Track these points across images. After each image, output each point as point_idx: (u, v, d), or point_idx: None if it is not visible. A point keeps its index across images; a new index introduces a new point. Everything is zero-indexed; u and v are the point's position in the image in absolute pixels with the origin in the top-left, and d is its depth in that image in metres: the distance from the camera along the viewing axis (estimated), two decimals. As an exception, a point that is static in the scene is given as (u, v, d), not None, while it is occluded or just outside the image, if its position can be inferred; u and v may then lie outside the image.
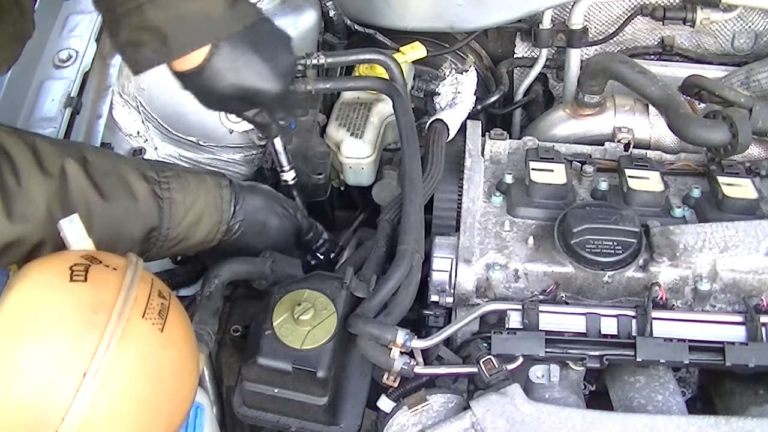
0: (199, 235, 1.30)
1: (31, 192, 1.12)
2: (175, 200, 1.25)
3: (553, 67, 2.00)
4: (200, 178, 1.31)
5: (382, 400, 1.21)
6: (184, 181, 1.28)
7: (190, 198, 1.27)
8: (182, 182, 1.28)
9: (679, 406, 1.20)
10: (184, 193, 1.27)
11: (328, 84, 1.56)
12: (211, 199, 1.30)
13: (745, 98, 1.57)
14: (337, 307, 1.22)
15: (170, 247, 1.28)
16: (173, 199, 1.25)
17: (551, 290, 1.30)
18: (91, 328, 0.93)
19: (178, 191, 1.26)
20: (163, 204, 1.24)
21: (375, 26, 1.84)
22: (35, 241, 1.12)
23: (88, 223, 1.13)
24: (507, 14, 1.86)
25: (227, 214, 1.32)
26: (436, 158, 1.47)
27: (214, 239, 1.32)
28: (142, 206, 1.22)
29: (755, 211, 1.40)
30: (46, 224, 1.12)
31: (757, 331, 1.22)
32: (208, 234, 1.31)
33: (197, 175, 1.32)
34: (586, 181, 1.48)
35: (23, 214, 1.10)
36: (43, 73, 1.53)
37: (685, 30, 1.92)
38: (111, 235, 1.18)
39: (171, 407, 1.00)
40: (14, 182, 1.10)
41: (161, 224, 1.24)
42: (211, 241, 1.33)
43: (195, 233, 1.29)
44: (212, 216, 1.30)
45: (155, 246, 1.26)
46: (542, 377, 1.21)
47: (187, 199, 1.27)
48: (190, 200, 1.27)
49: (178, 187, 1.27)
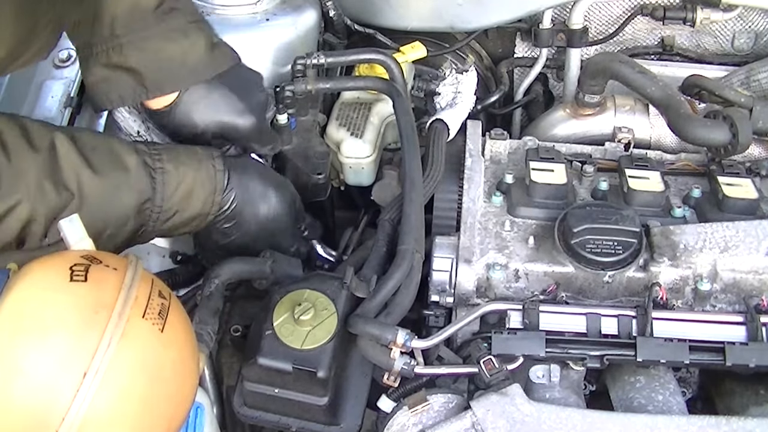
0: (194, 207, 1.26)
1: (21, 167, 1.10)
2: (167, 170, 1.22)
3: (553, 67, 2.00)
4: (191, 150, 1.28)
5: (383, 400, 1.21)
6: (175, 152, 1.26)
7: (182, 168, 1.24)
8: (173, 153, 1.25)
9: (680, 406, 1.20)
10: (176, 163, 1.24)
11: (328, 84, 1.56)
12: (204, 169, 1.27)
13: (745, 98, 1.57)
14: (338, 307, 1.22)
15: (165, 220, 1.24)
16: (165, 169, 1.22)
17: (551, 290, 1.30)
18: (91, 328, 0.93)
19: (169, 161, 1.23)
20: (156, 174, 1.21)
21: (375, 26, 1.84)
22: (25, 217, 1.10)
23: (80, 197, 1.12)
24: (507, 14, 1.85)
25: (221, 183, 1.28)
26: (436, 158, 1.46)
27: (210, 212, 1.28)
28: (134, 177, 1.19)
29: (755, 211, 1.40)
30: (37, 200, 1.10)
31: (758, 331, 1.22)
32: (204, 206, 1.27)
33: (188, 147, 1.29)
34: (587, 181, 1.48)
35: (12, 189, 1.09)
36: (43, 73, 1.53)
37: (685, 30, 1.92)
38: (105, 209, 1.17)
39: (171, 407, 1.00)
40: (3, 158, 1.08)
41: (154, 195, 1.21)
42: (208, 214, 1.28)
43: (189, 205, 1.26)
44: (205, 186, 1.26)
45: (150, 219, 1.23)
46: (543, 377, 1.21)
47: (179, 169, 1.24)
48: (183, 170, 1.24)
49: (169, 157, 1.24)
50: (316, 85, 1.51)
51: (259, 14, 1.57)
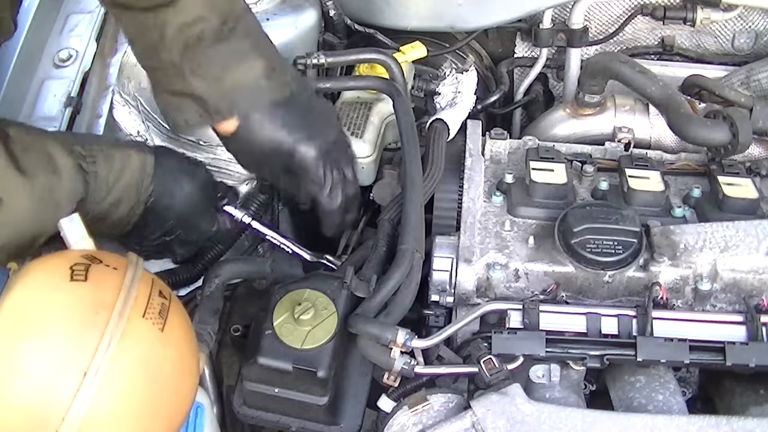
0: (119, 214, 1.24)
1: None
2: (100, 175, 1.20)
3: (553, 66, 2.00)
4: (125, 155, 1.25)
5: (383, 399, 1.21)
6: (111, 157, 1.23)
7: (113, 176, 1.22)
8: (108, 158, 1.23)
9: (680, 406, 1.20)
10: (109, 170, 1.22)
11: (329, 84, 1.56)
12: (135, 178, 1.24)
13: (745, 98, 1.57)
14: (338, 306, 1.22)
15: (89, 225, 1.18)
16: (98, 174, 1.20)
17: (552, 290, 1.30)
18: (91, 327, 0.93)
19: (103, 167, 1.21)
20: (89, 178, 1.19)
21: (375, 26, 1.84)
22: None
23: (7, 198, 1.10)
24: (507, 14, 1.85)
25: (146, 193, 1.26)
26: (436, 158, 1.46)
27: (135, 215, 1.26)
28: (66, 181, 1.17)
29: (756, 211, 1.40)
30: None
31: (758, 331, 1.22)
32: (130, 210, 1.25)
33: (123, 151, 1.26)
34: (587, 181, 1.48)
35: None
36: (43, 72, 1.53)
37: (685, 30, 1.92)
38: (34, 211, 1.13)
39: (171, 407, 1.00)
40: None
41: (86, 198, 1.19)
42: (133, 217, 1.26)
43: (114, 213, 1.24)
44: (131, 197, 1.25)
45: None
46: (543, 377, 1.21)
47: (110, 177, 1.22)
48: (113, 178, 1.22)
49: (103, 162, 1.22)
50: (316, 84, 1.51)
51: (259, 14, 1.56)
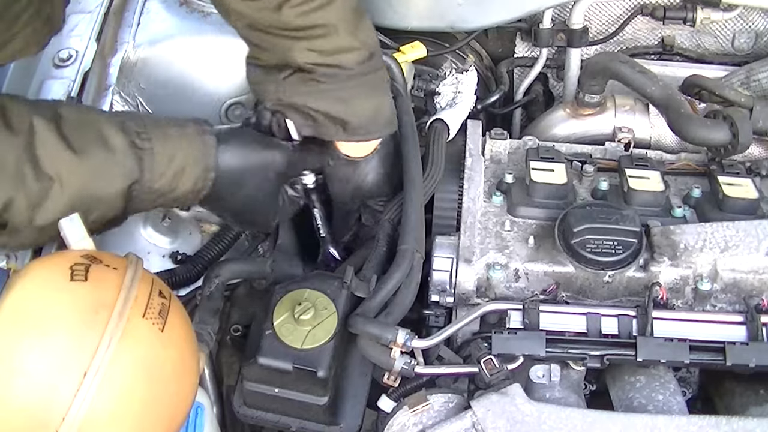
0: (186, 185, 1.22)
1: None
2: (156, 150, 1.18)
3: (553, 66, 2.00)
4: (182, 126, 1.24)
5: (383, 399, 1.21)
6: (165, 130, 1.21)
7: (171, 147, 1.20)
8: (162, 131, 1.21)
9: (680, 406, 1.20)
10: (165, 142, 1.20)
11: (329, 84, 1.55)
12: (195, 147, 1.23)
13: (745, 98, 1.56)
14: (338, 306, 1.22)
15: (154, 200, 1.22)
16: (154, 149, 1.18)
17: (552, 290, 1.30)
18: (91, 327, 0.93)
19: (158, 141, 1.19)
20: (144, 155, 1.17)
21: (375, 26, 1.83)
22: (4, 200, 1.07)
23: (61, 182, 1.10)
24: (507, 14, 1.85)
25: (212, 159, 1.24)
26: (436, 158, 1.46)
27: (204, 187, 1.24)
28: (120, 158, 1.16)
29: (756, 211, 1.40)
30: (15, 183, 1.08)
31: (758, 331, 1.22)
32: (196, 183, 1.23)
33: (179, 123, 1.24)
34: (587, 181, 1.48)
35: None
36: (43, 72, 1.53)
37: (685, 30, 1.92)
38: (88, 190, 1.13)
39: (171, 407, 1.00)
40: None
41: (142, 177, 1.17)
42: (201, 190, 1.25)
43: (180, 184, 1.22)
44: (197, 164, 1.22)
45: (138, 200, 1.19)
46: (543, 377, 1.21)
47: (168, 149, 1.20)
48: (172, 149, 1.20)
49: (158, 136, 1.20)
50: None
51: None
